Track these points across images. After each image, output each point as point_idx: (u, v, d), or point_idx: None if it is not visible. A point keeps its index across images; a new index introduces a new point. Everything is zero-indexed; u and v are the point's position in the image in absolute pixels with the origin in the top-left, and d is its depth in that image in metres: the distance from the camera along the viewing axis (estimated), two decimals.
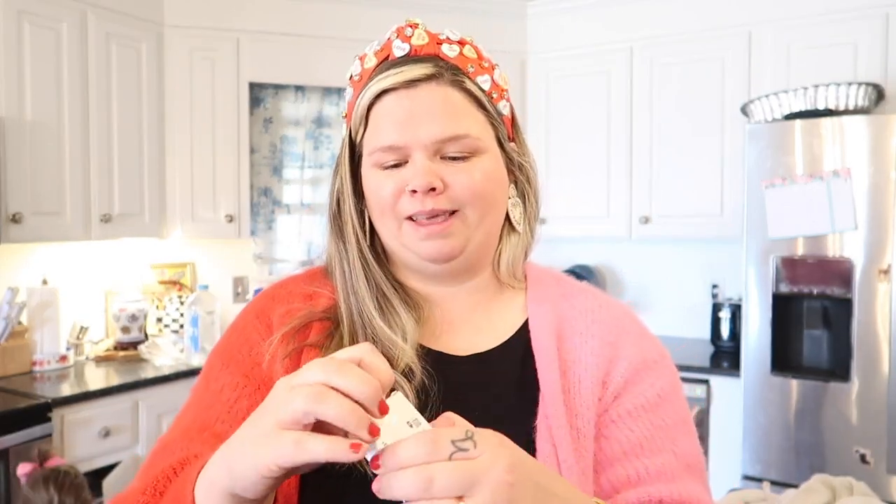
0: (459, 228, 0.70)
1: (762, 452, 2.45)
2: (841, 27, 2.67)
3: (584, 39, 3.24)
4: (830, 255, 2.34)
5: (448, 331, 0.76)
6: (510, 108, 0.76)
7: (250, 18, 3.03)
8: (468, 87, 0.70)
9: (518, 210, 0.77)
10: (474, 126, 0.70)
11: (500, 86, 0.74)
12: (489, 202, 0.71)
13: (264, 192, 3.27)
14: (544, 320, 0.75)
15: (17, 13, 2.38)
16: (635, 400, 0.73)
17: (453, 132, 0.68)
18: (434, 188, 0.68)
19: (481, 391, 0.72)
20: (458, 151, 0.69)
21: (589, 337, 0.74)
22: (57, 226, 2.53)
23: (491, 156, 0.72)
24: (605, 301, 0.79)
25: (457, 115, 0.69)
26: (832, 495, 1.35)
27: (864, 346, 2.30)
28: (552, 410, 0.69)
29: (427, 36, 0.72)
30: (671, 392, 0.75)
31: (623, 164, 3.15)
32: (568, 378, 0.72)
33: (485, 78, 0.72)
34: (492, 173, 0.71)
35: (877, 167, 2.26)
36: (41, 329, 2.64)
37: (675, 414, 0.74)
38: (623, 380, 0.73)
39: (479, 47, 0.74)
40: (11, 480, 2.08)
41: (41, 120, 2.46)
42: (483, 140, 0.71)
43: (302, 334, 0.73)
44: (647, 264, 3.41)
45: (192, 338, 2.79)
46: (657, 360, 0.76)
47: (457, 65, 0.71)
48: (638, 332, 0.77)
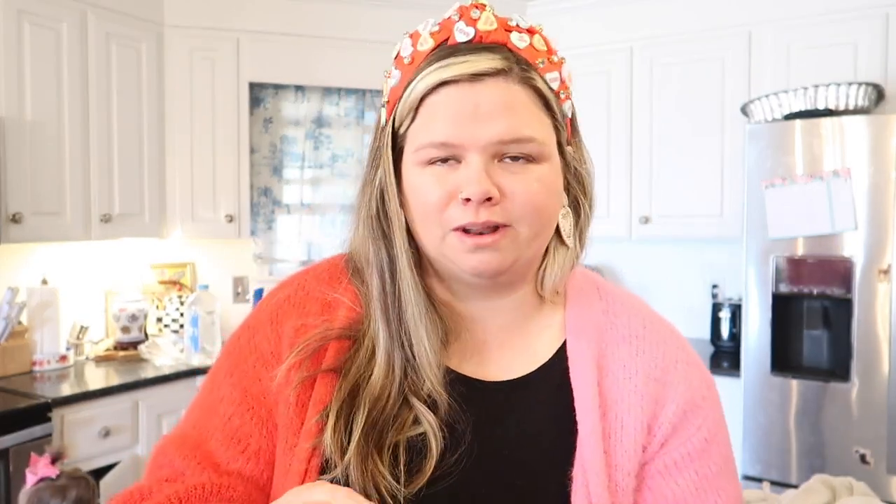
0: (510, 244, 0.62)
1: (762, 452, 2.45)
2: (841, 27, 2.67)
3: (584, 39, 3.24)
4: (830, 255, 2.34)
5: (480, 352, 0.69)
6: (572, 108, 0.67)
7: (250, 18, 3.03)
8: (538, 85, 0.62)
9: (569, 221, 0.67)
10: (540, 129, 0.62)
11: (567, 84, 0.66)
12: (544, 217, 0.63)
13: (264, 192, 3.27)
14: (584, 346, 0.67)
15: (17, 13, 2.38)
16: (682, 448, 0.66)
17: (519, 134, 0.60)
18: (490, 198, 0.59)
19: (513, 425, 0.65)
20: (519, 154, 0.61)
21: (633, 371, 0.66)
22: (57, 226, 2.54)
23: (552, 164, 0.63)
24: (649, 319, 0.71)
25: (524, 115, 0.61)
26: (832, 495, 1.35)
27: (864, 346, 2.30)
28: (590, 460, 0.62)
29: (496, 21, 0.63)
30: (717, 432, 0.68)
31: (623, 164, 3.15)
32: (608, 420, 0.64)
33: (554, 75, 0.63)
34: (550, 184, 0.63)
35: (877, 167, 2.26)
36: (41, 329, 2.64)
37: (720, 457, 0.68)
38: (671, 426, 0.66)
39: (548, 38, 0.66)
40: (11, 480, 2.08)
41: (41, 120, 2.46)
42: (547, 146, 0.62)
43: (316, 358, 0.67)
44: (647, 264, 3.41)
45: (192, 338, 2.79)
46: (705, 396, 0.69)
47: (527, 58, 0.62)
48: (685, 362, 0.69)
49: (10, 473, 2.07)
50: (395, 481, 0.60)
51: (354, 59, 3.13)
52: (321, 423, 0.63)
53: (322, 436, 0.63)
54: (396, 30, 0.69)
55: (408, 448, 0.62)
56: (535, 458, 0.64)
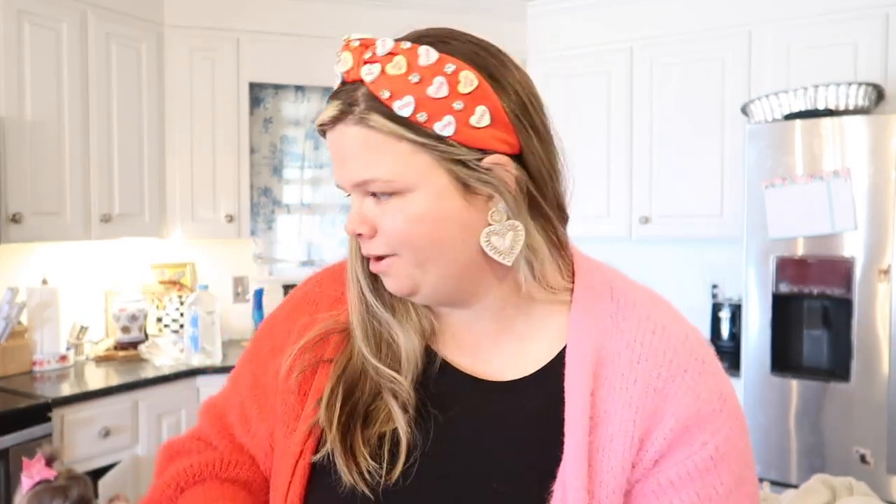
0: (399, 269, 0.64)
1: (762, 452, 2.45)
2: (841, 27, 2.67)
3: (584, 39, 3.24)
4: (830, 255, 2.34)
5: (476, 350, 0.69)
6: (491, 113, 0.60)
7: (250, 18, 3.03)
8: (373, 123, 0.59)
9: (509, 238, 0.63)
10: (386, 166, 0.60)
11: (439, 98, 0.59)
12: (425, 244, 0.62)
13: (264, 192, 3.28)
14: (582, 353, 0.63)
15: (17, 13, 2.38)
16: (681, 467, 0.60)
17: (356, 178, 0.61)
18: (361, 234, 0.63)
19: (501, 429, 0.65)
20: (380, 191, 0.62)
21: (631, 381, 0.62)
22: (57, 226, 2.54)
23: (422, 193, 0.61)
24: (663, 324, 0.65)
25: (363, 157, 0.61)
26: (832, 495, 1.35)
27: (864, 346, 2.30)
28: (571, 476, 0.59)
29: (351, 59, 0.61)
30: (730, 448, 0.61)
31: (623, 164, 3.15)
32: (598, 434, 0.61)
33: (405, 101, 0.59)
34: (423, 212, 0.61)
35: (877, 167, 2.26)
36: (41, 329, 2.64)
37: (731, 476, 0.61)
38: (667, 442, 0.60)
39: (418, 52, 0.60)
40: (11, 480, 2.07)
41: (41, 120, 2.46)
42: (401, 179, 0.60)
43: (319, 348, 0.72)
44: (647, 264, 3.41)
45: (192, 338, 2.79)
46: (716, 409, 0.62)
47: (373, 92, 0.60)
48: (696, 371, 0.63)
49: (11, 473, 2.07)
50: (378, 468, 0.64)
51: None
52: (317, 409, 0.68)
53: (316, 419, 0.68)
54: (396, 30, 0.69)
55: (390, 439, 0.65)
56: (519, 464, 0.63)
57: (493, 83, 0.61)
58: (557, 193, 0.68)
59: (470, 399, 0.67)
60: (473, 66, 0.61)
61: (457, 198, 0.61)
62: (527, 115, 0.63)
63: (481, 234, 0.63)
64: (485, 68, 0.61)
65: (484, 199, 0.62)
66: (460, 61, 0.61)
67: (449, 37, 0.64)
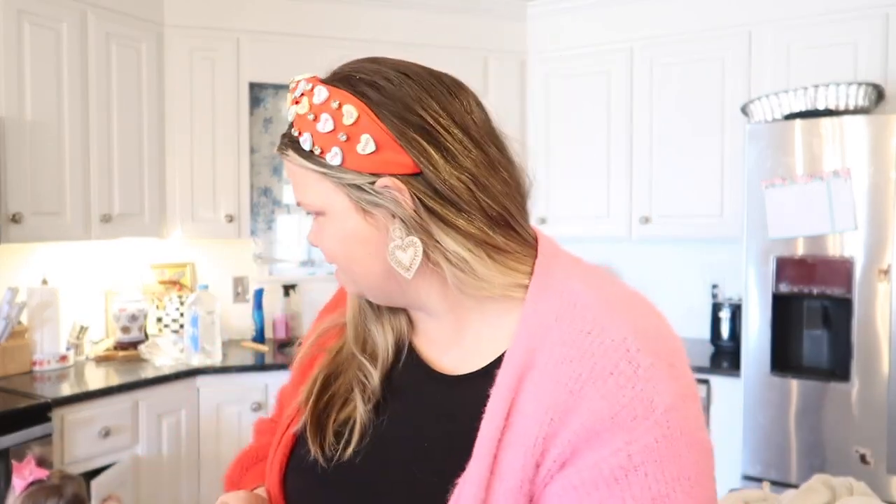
0: (342, 277, 0.75)
1: (762, 452, 2.45)
2: (841, 27, 2.67)
3: (584, 39, 3.24)
4: (830, 255, 2.34)
5: (440, 346, 0.75)
6: (375, 140, 0.65)
7: (250, 18, 3.03)
8: (289, 156, 0.70)
9: (409, 253, 0.67)
10: (305, 191, 0.70)
11: (326, 133, 0.66)
12: (343, 259, 0.72)
13: (264, 192, 3.28)
14: (517, 352, 0.64)
15: (17, 13, 2.38)
16: (586, 472, 0.57)
17: (298, 200, 0.72)
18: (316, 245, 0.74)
19: (438, 420, 0.70)
20: (311, 213, 0.72)
21: (552, 382, 0.60)
22: (57, 226, 2.54)
23: (333, 216, 0.69)
24: (602, 325, 0.62)
25: (294, 183, 0.72)
26: (832, 495, 1.35)
27: (864, 346, 2.30)
28: (474, 472, 0.60)
29: (289, 101, 0.72)
30: (647, 461, 0.56)
31: (623, 164, 3.15)
32: (509, 434, 0.61)
33: (305, 137, 0.68)
34: (334, 232, 0.70)
35: (877, 167, 2.26)
36: (41, 329, 2.64)
37: (644, 493, 0.56)
38: (571, 446, 0.58)
39: (314, 92, 0.68)
40: (11, 480, 2.07)
41: (41, 120, 2.46)
42: (316, 203, 0.70)
43: (325, 338, 0.83)
44: (647, 264, 3.41)
45: (192, 338, 2.79)
46: (638, 416, 0.57)
47: (290, 130, 0.71)
48: (624, 376, 0.59)
49: (11, 473, 2.07)
50: (336, 445, 0.73)
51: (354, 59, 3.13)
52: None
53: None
54: (396, 30, 0.71)
55: (352, 422, 0.74)
56: (442, 456, 0.67)
57: (378, 113, 0.65)
58: (494, 194, 0.68)
59: (422, 391, 0.74)
60: (362, 99, 0.66)
61: (357, 218, 0.68)
62: (425, 136, 0.65)
63: (388, 248, 0.68)
64: (372, 100, 0.66)
65: (385, 217, 0.67)
66: (348, 94, 0.67)
67: (360, 70, 0.70)
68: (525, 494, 0.59)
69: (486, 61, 3.32)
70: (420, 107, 0.66)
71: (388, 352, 0.76)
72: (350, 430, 0.73)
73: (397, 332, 0.78)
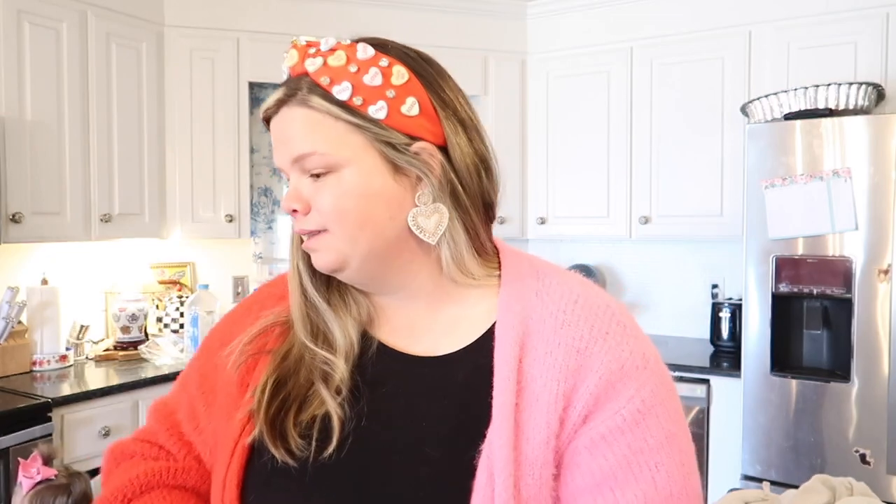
0: (328, 244, 0.69)
1: (762, 452, 2.45)
2: (841, 27, 2.67)
3: (584, 39, 3.24)
4: (830, 255, 2.34)
5: (410, 330, 0.74)
6: (420, 104, 0.68)
7: (250, 18, 3.03)
8: (313, 103, 0.67)
9: (434, 219, 0.69)
10: (323, 142, 0.67)
11: (374, 86, 0.66)
12: (355, 219, 0.67)
13: (264, 192, 3.28)
14: (510, 326, 0.68)
15: (17, 13, 2.38)
16: (610, 421, 0.63)
17: (298, 152, 0.68)
18: (295, 210, 0.69)
19: (433, 399, 0.69)
20: (315, 169, 0.68)
21: (555, 345, 0.66)
22: (57, 226, 2.53)
23: (356, 169, 0.67)
24: (585, 295, 0.70)
25: (303, 133, 0.67)
26: (832, 495, 1.35)
27: (864, 346, 2.30)
28: (498, 436, 0.63)
29: (297, 55, 0.69)
30: (656, 403, 0.65)
31: (623, 163, 3.15)
32: (524, 397, 0.65)
33: (343, 86, 0.66)
34: (354, 188, 0.67)
35: (877, 167, 2.26)
36: (41, 329, 2.64)
37: (660, 430, 0.64)
38: (593, 397, 0.64)
39: (357, 48, 0.68)
40: (11, 480, 2.07)
41: (41, 120, 2.46)
42: (336, 154, 0.66)
43: (261, 340, 0.77)
44: (647, 264, 3.41)
45: (192, 338, 2.79)
46: (639, 367, 0.66)
47: (314, 80, 0.67)
48: (618, 334, 0.67)
49: (11, 473, 2.07)
50: (306, 445, 0.68)
51: None
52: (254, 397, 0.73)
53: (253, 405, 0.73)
54: (396, 30, 0.72)
55: (322, 420, 0.70)
56: (449, 430, 0.67)
57: (423, 81, 0.69)
58: (483, 191, 0.72)
59: (402, 375, 0.72)
60: (405, 65, 0.68)
61: (386, 177, 0.68)
62: (454, 113, 0.70)
63: (408, 213, 0.69)
64: (415, 68, 0.69)
65: (411, 182, 0.69)
66: (393, 59, 0.68)
67: (386, 41, 0.71)
68: (552, 450, 0.63)
69: (486, 61, 3.32)
70: (448, 87, 0.71)
71: (352, 344, 0.73)
72: (323, 427, 0.69)
73: (358, 322, 0.75)
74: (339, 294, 0.76)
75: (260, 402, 0.71)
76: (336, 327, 0.74)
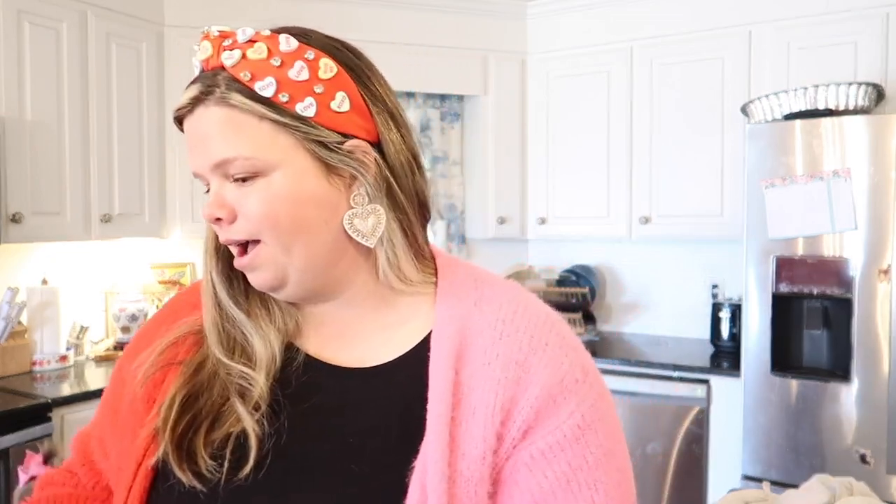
0: (264, 259, 0.64)
1: (762, 452, 2.45)
2: (841, 27, 2.67)
3: (584, 39, 3.24)
4: (830, 255, 2.34)
5: (340, 341, 0.69)
6: (350, 99, 0.63)
7: (250, 18, 3.02)
8: (234, 102, 0.61)
9: (371, 221, 0.64)
10: (248, 144, 0.61)
11: (300, 81, 0.61)
12: (288, 226, 0.62)
13: None
14: (446, 336, 0.64)
15: (17, 13, 2.38)
16: (550, 437, 0.60)
17: (219, 157, 0.62)
18: (219, 218, 0.63)
19: (361, 413, 0.65)
20: (240, 174, 0.62)
21: (493, 356, 0.62)
22: (57, 226, 2.53)
23: (285, 171, 0.62)
24: (524, 306, 0.66)
25: (224, 136, 0.61)
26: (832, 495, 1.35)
27: (864, 346, 2.30)
28: (432, 451, 0.59)
29: (210, 47, 0.64)
30: (595, 419, 0.62)
31: (623, 164, 3.15)
32: (460, 409, 0.60)
33: (267, 82, 0.61)
34: (285, 192, 0.62)
35: (877, 167, 2.26)
36: (41, 329, 2.64)
37: (599, 447, 0.61)
38: (534, 411, 0.60)
39: (279, 40, 0.64)
40: (11, 480, 2.08)
41: (41, 120, 2.46)
42: (263, 157, 0.61)
43: (172, 352, 0.71)
44: (647, 264, 3.41)
45: None
46: (579, 380, 0.62)
47: (233, 75, 0.62)
48: (557, 345, 0.64)
49: (11, 473, 2.07)
50: (217, 467, 0.63)
51: None
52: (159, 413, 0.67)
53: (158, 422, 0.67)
54: (396, 30, 0.70)
55: (237, 438, 0.64)
56: (381, 445, 0.62)
57: (352, 74, 0.64)
58: (418, 189, 0.68)
59: (329, 388, 0.67)
60: (333, 57, 0.64)
61: (319, 178, 0.63)
62: (385, 107, 0.66)
63: (344, 216, 0.64)
64: (343, 61, 0.65)
65: (346, 182, 0.64)
66: (319, 51, 0.64)
67: (308, 31, 0.68)
68: (489, 465, 0.59)
69: (486, 61, 3.32)
70: (377, 79, 0.67)
71: (274, 357, 0.68)
72: (238, 446, 0.64)
73: (283, 334, 0.70)
74: (260, 302, 0.71)
75: (166, 420, 0.65)
76: (257, 339, 0.68)
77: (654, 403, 2.78)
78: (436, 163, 3.42)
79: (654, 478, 2.79)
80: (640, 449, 2.81)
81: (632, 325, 3.46)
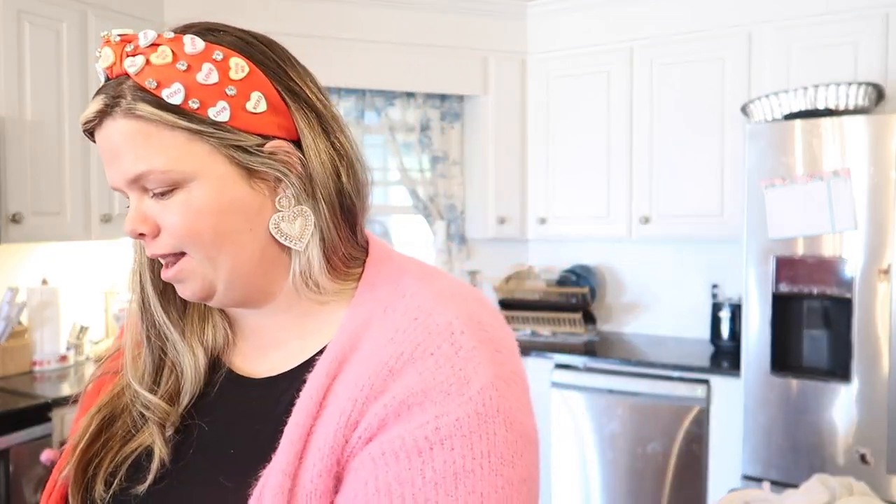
0: (192, 271, 0.62)
1: (762, 452, 2.45)
2: (841, 27, 2.67)
3: (584, 39, 3.24)
4: (830, 255, 2.34)
5: (261, 352, 0.68)
6: (267, 99, 0.61)
7: (250, 18, 3.02)
8: (140, 112, 0.57)
9: (298, 223, 0.62)
10: (161, 157, 0.58)
11: (210, 84, 0.58)
12: (212, 238, 0.60)
13: None
14: (338, 343, 0.61)
15: (17, 13, 2.38)
16: (388, 444, 0.53)
17: (133, 172, 0.59)
18: (142, 234, 0.61)
19: (248, 425, 0.63)
20: (157, 188, 0.59)
21: (373, 362, 0.57)
22: (57, 226, 2.53)
23: (204, 181, 0.59)
24: (432, 312, 0.60)
25: (135, 150, 0.58)
26: (832, 495, 1.35)
27: (864, 346, 2.30)
28: (277, 463, 0.56)
29: (112, 54, 0.59)
30: (455, 435, 0.53)
31: (623, 164, 3.15)
32: (322, 417, 0.57)
33: (174, 88, 0.57)
34: (206, 203, 0.59)
35: (877, 167, 2.26)
36: (41, 329, 2.64)
37: (447, 466, 0.52)
38: (378, 419, 0.55)
39: (183, 41, 0.60)
40: (11, 480, 2.08)
41: (41, 120, 2.46)
42: (178, 169, 0.58)
43: (114, 361, 0.71)
44: (647, 264, 3.41)
45: None
46: (451, 393, 0.55)
47: (138, 83, 0.58)
48: (444, 356, 0.56)
49: (11, 473, 2.07)
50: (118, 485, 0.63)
51: (354, 59, 3.13)
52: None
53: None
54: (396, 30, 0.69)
55: (144, 456, 0.64)
56: (249, 459, 0.60)
57: (266, 71, 0.61)
58: (343, 190, 0.64)
59: (230, 400, 0.66)
60: (243, 55, 0.61)
61: (240, 184, 0.60)
62: (306, 104, 0.63)
63: (270, 220, 0.62)
64: (255, 58, 0.62)
65: (270, 186, 0.62)
66: (228, 49, 0.61)
67: (215, 28, 0.65)
68: (333, 477, 0.55)
69: (486, 61, 3.32)
70: (296, 74, 0.63)
71: (199, 374, 0.67)
72: (141, 465, 0.64)
73: (210, 348, 0.69)
74: (191, 316, 0.69)
75: (81, 437, 0.66)
76: (186, 360, 0.67)
77: (654, 403, 2.78)
78: (436, 163, 3.42)
79: (654, 478, 2.79)
80: (640, 449, 2.81)
81: (632, 324, 3.46)
